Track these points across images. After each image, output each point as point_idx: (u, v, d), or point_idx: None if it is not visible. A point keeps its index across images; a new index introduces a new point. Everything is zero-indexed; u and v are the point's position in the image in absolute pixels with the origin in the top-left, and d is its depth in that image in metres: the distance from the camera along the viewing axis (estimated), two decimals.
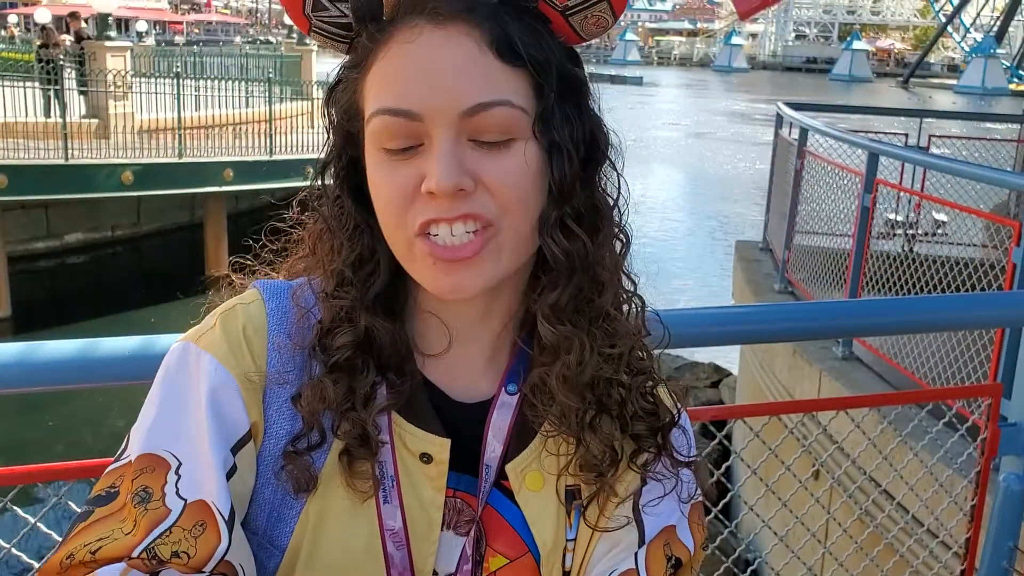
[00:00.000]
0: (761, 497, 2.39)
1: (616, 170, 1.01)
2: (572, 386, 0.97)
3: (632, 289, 1.03)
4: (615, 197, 1.01)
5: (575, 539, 1.01)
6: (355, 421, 0.94)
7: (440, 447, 0.98)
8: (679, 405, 1.07)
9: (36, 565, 1.56)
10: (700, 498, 1.07)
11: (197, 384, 0.93)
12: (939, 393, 4.01)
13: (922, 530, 2.79)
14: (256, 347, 0.96)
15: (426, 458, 0.98)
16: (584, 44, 1.00)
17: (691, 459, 1.05)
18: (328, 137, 1.00)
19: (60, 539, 1.52)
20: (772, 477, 2.38)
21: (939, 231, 8.33)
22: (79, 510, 0.92)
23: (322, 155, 1.01)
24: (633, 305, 1.03)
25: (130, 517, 0.86)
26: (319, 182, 1.02)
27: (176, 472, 0.89)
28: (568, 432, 0.99)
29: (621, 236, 1.02)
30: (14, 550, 1.62)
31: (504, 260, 0.93)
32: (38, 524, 1.60)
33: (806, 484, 2.38)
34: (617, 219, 1.01)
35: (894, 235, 8.12)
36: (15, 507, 1.63)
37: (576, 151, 0.95)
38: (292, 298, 1.00)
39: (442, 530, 0.98)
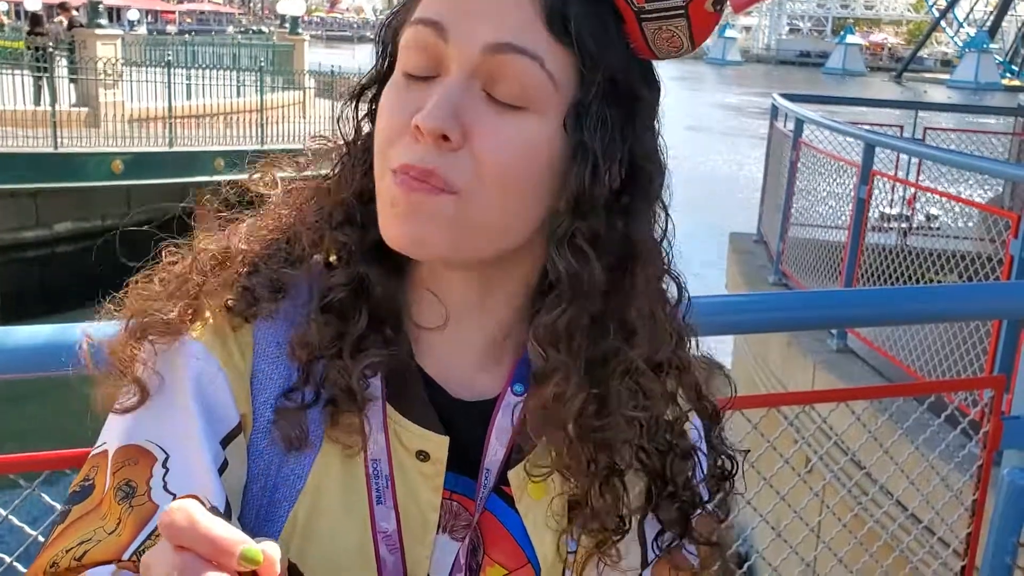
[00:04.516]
0: (759, 491, 2.35)
1: (665, 210, 0.93)
2: (551, 421, 0.89)
3: (677, 341, 0.95)
4: (659, 238, 0.93)
5: (576, 552, 0.95)
6: (342, 370, 0.88)
7: (438, 444, 0.91)
8: (710, 485, 1.02)
9: (6, 559, 1.51)
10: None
11: (182, 371, 0.86)
12: (940, 385, 3.99)
13: (920, 526, 2.75)
14: (242, 332, 0.90)
15: (423, 456, 0.91)
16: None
17: (712, 541, 1.00)
18: (376, 62, 0.94)
19: (32, 532, 1.46)
20: (767, 471, 2.34)
21: (932, 225, 8.33)
22: (59, 508, 0.85)
23: (362, 80, 0.95)
24: (679, 363, 0.96)
25: (112, 514, 0.80)
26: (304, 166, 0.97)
27: (163, 465, 0.82)
28: (575, 478, 0.92)
29: (670, 285, 0.95)
30: None
31: (466, 233, 0.84)
32: (10, 517, 1.54)
33: (804, 478, 2.34)
34: (665, 262, 0.94)
35: (888, 229, 8.10)
36: None
37: (606, 165, 0.85)
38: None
39: (437, 533, 0.92)
